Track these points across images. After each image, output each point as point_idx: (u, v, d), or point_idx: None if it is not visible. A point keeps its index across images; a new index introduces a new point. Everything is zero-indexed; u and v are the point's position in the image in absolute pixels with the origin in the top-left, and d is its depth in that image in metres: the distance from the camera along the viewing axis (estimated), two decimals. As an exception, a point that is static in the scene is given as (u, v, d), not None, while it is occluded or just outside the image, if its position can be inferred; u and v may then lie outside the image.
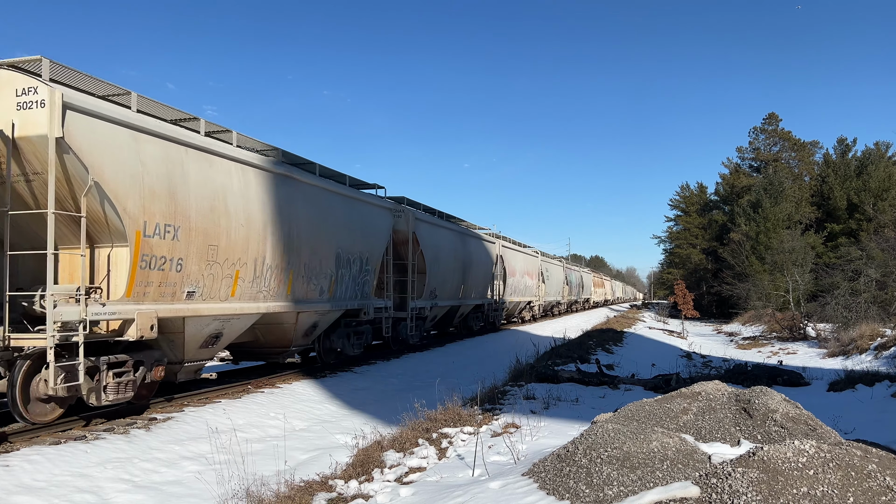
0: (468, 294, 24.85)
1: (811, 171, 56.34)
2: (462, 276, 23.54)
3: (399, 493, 5.87)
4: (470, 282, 24.65)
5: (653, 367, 16.43)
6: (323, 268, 13.67)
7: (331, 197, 14.26)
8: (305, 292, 13.08)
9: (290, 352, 13.64)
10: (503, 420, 8.59)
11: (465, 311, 25.75)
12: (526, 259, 35.88)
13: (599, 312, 58.91)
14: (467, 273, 24.14)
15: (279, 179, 12.09)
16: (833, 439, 5.47)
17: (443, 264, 21.19)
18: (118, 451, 7.94)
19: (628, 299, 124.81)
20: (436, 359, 19.06)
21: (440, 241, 21.24)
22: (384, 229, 17.17)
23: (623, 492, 4.62)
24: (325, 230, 13.72)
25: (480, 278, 26.22)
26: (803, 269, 39.67)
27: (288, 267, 12.24)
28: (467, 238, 24.73)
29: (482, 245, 26.96)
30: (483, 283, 27.00)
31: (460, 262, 23.27)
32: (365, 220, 15.90)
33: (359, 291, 15.55)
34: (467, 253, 24.17)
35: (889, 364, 16.53)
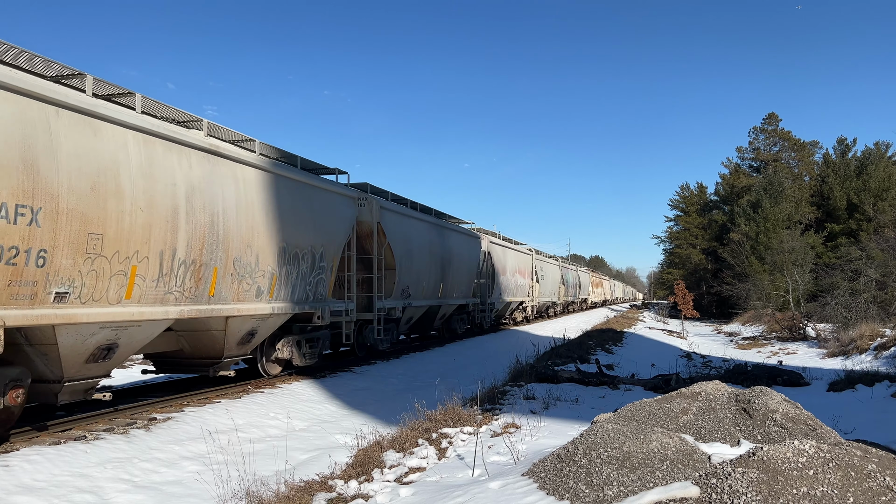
0: (449, 293, 22.71)
1: (811, 171, 56.33)
2: (441, 272, 21.36)
3: (399, 493, 5.87)
4: (451, 280, 22.49)
5: (653, 367, 16.42)
6: (261, 264, 11.56)
7: (275, 181, 12.14)
8: (236, 293, 10.93)
9: (222, 363, 11.56)
10: (503, 420, 8.59)
11: (448, 313, 23.69)
12: (517, 257, 33.68)
13: (598, 313, 58.84)
14: (447, 270, 22.00)
15: (200, 156, 9.95)
16: (833, 439, 5.47)
17: (417, 260, 19.12)
18: (118, 451, 7.94)
19: (628, 299, 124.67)
20: (436, 359, 19.06)
21: (412, 233, 19.07)
22: (344, 220, 14.89)
23: (623, 492, 4.62)
24: (263, 220, 11.62)
25: (464, 276, 24.15)
26: (803, 269, 39.67)
27: (210, 263, 10.11)
28: (447, 232, 22.49)
29: (466, 240, 24.75)
30: (467, 282, 24.87)
31: (438, 258, 21.02)
32: (319, 209, 13.70)
33: (311, 292, 13.42)
34: (447, 248, 22.00)
35: (889, 364, 16.53)
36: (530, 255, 37.29)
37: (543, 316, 44.15)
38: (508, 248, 31.95)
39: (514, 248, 33.43)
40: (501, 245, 30.39)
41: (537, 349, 17.82)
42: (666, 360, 18.34)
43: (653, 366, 16.63)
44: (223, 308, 10.65)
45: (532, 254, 37.81)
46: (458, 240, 23.72)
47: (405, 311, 18.91)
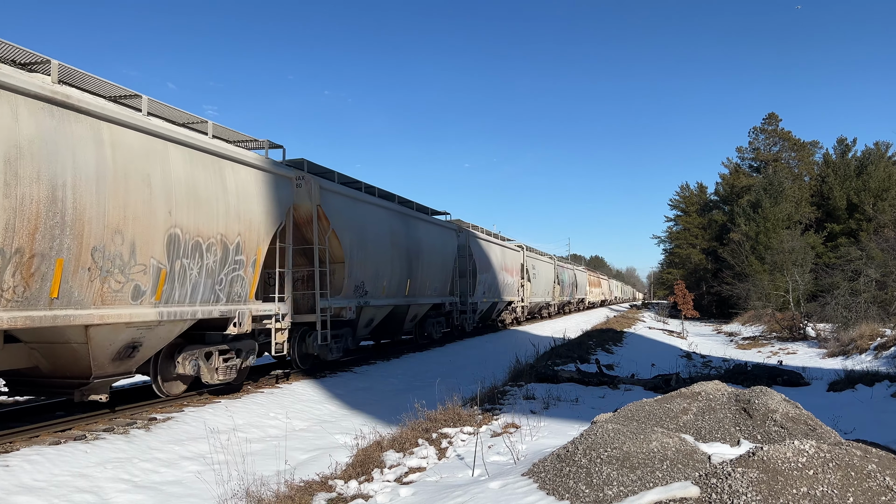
0: (420, 291, 19.77)
1: (811, 171, 56.33)
2: (407, 267, 18.49)
3: (399, 493, 5.87)
4: (421, 276, 19.65)
5: (653, 367, 16.42)
6: (139, 256, 8.90)
7: (165, 149, 9.53)
8: (99, 294, 8.33)
9: (92, 385, 8.89)
10: (503, 420, 8.59)
11: (420, 313, 20.79)
12: (504, 253, 30.86)
13: (598, 313, 58.80)
14: (416, 264, 19.11)
15: (36, 108, 7.54)
16: (833, 439, 5.47)
17: (374, 251, 16.25)
18: (118, 451, 7.94)
19: (627, 299, 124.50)
20: (436, 359, 19.06)
21: (368, 220, 16.16)
22: (273, 203, 12.22)
23: (623, 492, 4.62)
24: (143, 197, 8.94)
25: (437, 272, 21.16)
26: (803, 269, 39.67)
27: (50, 253, 7.62)
28: (415, 221, 19.57)
29: (439, 232, 21.80)
30: (442, 279, 21.94)
31: (403, 251, 18.15)
32: (235, 188, 11.01)
33: (223, 292, 10.72)
34: (415, 239, 19.12)
35: (889, 364, 16.53)
36: (520, 252, 34.70)
37: (536, 317, 41.85)
38: (493, 243, 29.20)
39: (500, 243, 30.63)
40: (484, 239, 27.81)
41: (537, 349, 17.82)
42: (666, 360, 18.34)
43: (653, 366, 16.63)
44: (76, 314, 7.99)
45: (522, 250, 35.22)
46: (429, 231, 20.72)
47: (362, 311, 16.02)
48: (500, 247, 30.26)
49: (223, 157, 10.82)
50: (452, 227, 23.86)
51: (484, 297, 27.26)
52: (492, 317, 30.72)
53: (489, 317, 30.28)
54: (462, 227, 25.59)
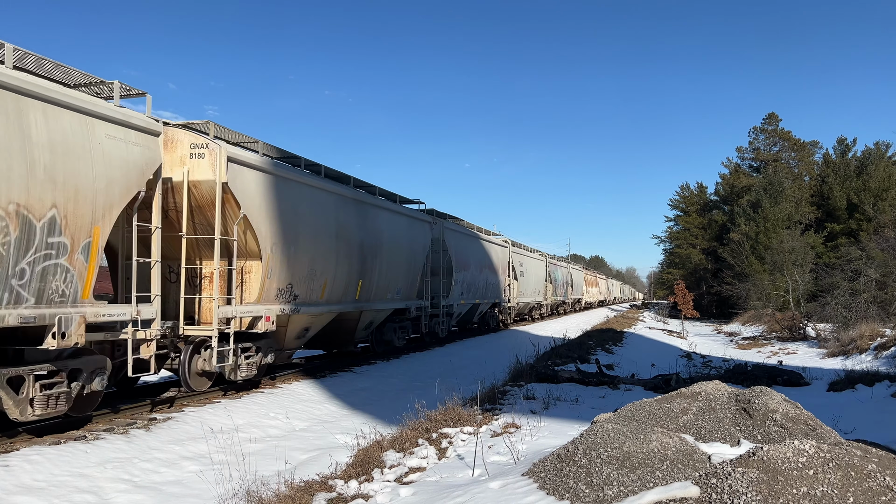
0: (377, 293, 16.62)
1: (811, 171, 56.38)
2: (360, 265, 15.26)
3: (399, 493, 5.87)
4: (379, 275, 16.47)
5: (653, 367, 16.43)
6: None
7: None
8: None
9: None
10: (503, 420, 8.60)
11: (377, 320, 17.48)
12: (487, 248, 27.83)
13: (596, 313, 58.79)
14: (373, 262, 15.94)
15: None
16: (833, 439, 5.47)
17: (307, 245, 12.97)
18: (118, 451, 7.94)
19: (627, 299, 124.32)
20: (436, 359, 19.07)
21: (302, 206, 12.91)
22: (122, 165, 8.97)
23: (623, 492, 4.62)
24: None
25: (401, 271, 18.05)
26: (803, 269, 39.71)
27: None
28: (375, 210, 16.30)
29: (407, 223, 18.59)
30: (408, 279, 18.72)
31: (355, 245, 14.95)
32: (39, 137, 7.75)
33: (27, 289, 7.62)
34: (373, 231, 15.92)
35: (889, 364, 16.54)
36: (506, 248, 31.70)
37: (526, 319, 38.89)
38: (474, 238, 26.09)
39: (482, 237, 27.38)
40: (463, 232, 24.57)
41: (537, 349, 17.83)
42: (666, 360, 18.35)
43: (653, 366, 16.64)
44: None
45: (509, 246, 32.35)
46: (394, 222, 17.53)
47: (290, 320, 13.01)
48: (482, 241, 27.16)
49: (27, 95, 7.62)
50: (424, 219, 20.18)
51: (462, 298, 24.03)
52: (473, 320, 27.97)
53: (469, 320, 27.47)
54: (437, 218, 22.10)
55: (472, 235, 26.09)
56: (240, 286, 11.64)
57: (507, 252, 31.67)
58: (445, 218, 23.48)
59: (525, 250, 37.01)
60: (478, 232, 27.57)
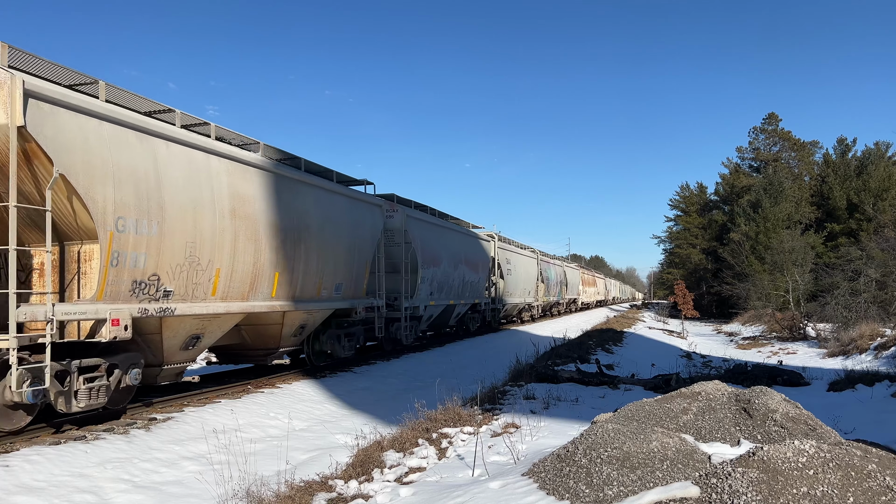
0: (305, 289, 13.24)
1: (811, 171, 56.39)
2: (276, 253, 12.08)
3: (399, 493, 5.87)
4: (307, 267, 13.19)
5: (653, 367, 16.43)
6: None
7: None
8: None
9: None
10: (503, 420, 8.59)
11: (311, 324, 14.14)
12: (465, 243, 24.59)
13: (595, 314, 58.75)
14: (295, 249, 12.72)
15: None
16: (833, 439, 5.47)
17: (181, 220, 9.73)
18: (118, 451, 7.94)
19: (627, 299, 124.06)
20: (436, 359, 19.07)
21: (167, 168, 9.51)
22: None
23: (623, 492, 4.62)
24: None
25: (340, 262, 14.57)
26: (803, 269, 39.71)
27: None
28: (294, 185, 12.88)
29: (344, 205, 14.92)
30: (349, 272, 15.14)
31: (267, 227, 11.77)
32: None
33: None
34: (294, 212, 12.71)
35: (889, 364, 16.53)
36: (490, 242, 28.59)
37: (515, 321, 36.21)
38: (446, 229, 22.76)
39: (458, 229, 24.31)
40: (431, 223, 21.24)
41: (537, 349, 17.83)
42: (666, 360, 18.35)
43: (653, 366, 16.64)
44: None
45: (493, 240, 29.11)
46: (325, 202, 14.03)
47: (164, 325, 9.90)
48: (458, 234, 23.99)
49: None
50: (375, 202, 16.82)
51: (431, 298, 20.67)
52: (449, 323, 24.83)
53: (445, 323, 24.36)
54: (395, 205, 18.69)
55: (445, 227, 22.70)
56: (75, 278, 8.72)
57: (491, 247, 28.56)
58: (410, 205, 20.16)
59: (514, 246, 34.28)
60: (453, 223, 24.30)
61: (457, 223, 25.12)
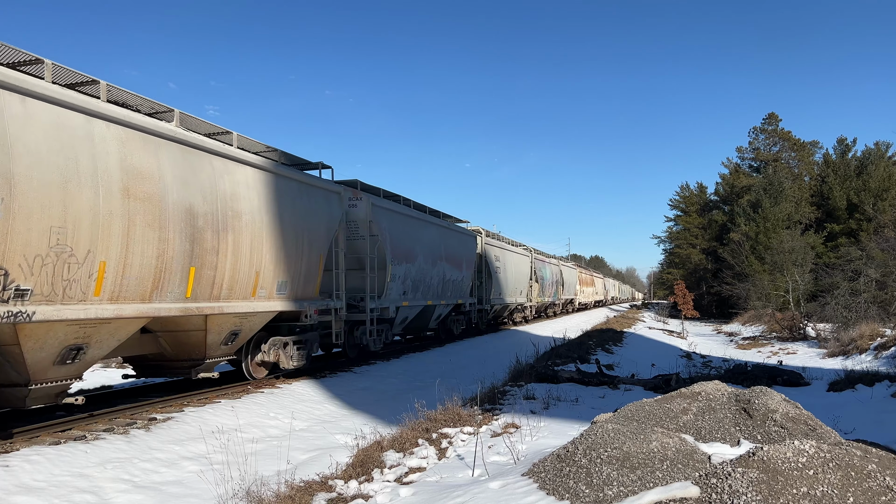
0: (234, 289, 11.03)
1: (811, 171, 56.39)
2: (190, 243, 9.86)
3: (399, 493, 5.87)
4: (236, 261, 10.97)
5: (653, 367, 16.43)
6: None
7: None
8: None
9: None
10: (503, 420, 8.60)
11: (247, 330, 11.84)
12: (446, 237, 22.35)
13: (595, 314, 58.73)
14: (217, 239, 10.46)
15: None
16: (833, 439, 5.47)
17: (33, 194, 7.50)
18: (118, 451, 7.94)
19: (626, 299, 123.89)
20: (436, 359, 19.07)
21: (26, 131, 7.50)
22: None
23: (623, 492, 4.62)
24: None
25: (283, 256, 12.31)
26: (803, 269, 39.71)
27: None
28: (213, 160, 10.55)
29: (291, 190, 12.73)
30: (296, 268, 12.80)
31: (175, 210, 9.53)
32: None
33: None
34: (213, 193, 10.37)
35: (889, 364, 16.53)
36: (475, 238, 26.40)
37: (507, 322, 34.22)
38: (423, 222, 20.41)
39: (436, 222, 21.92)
40: (403, 214, 18.90)
41: (537, 349, 17.84)
42: (666, 360, 18.35)
43: (653, 366, 16.64)
44: None
45: (479, 236, 27.11)
46: (262, 185, 11.73)
47: (21, 334, 7.69)
48: (436, 227, 21.65)
49: None
50: (332, 189, 14.64)
51: (405, 299, 18.57)
52: (428, 326, 22.79)
53: (424, 326, 22.18)
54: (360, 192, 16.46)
55: (421, 219, 20.31)
56: None
57: (477, 243, 26.46)
58: (378, 193, 17.97)
59: (505, 242, 32.22)
60: (432, 216, 21.91)
61: (437, 216, 22.60)
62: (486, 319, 28.67)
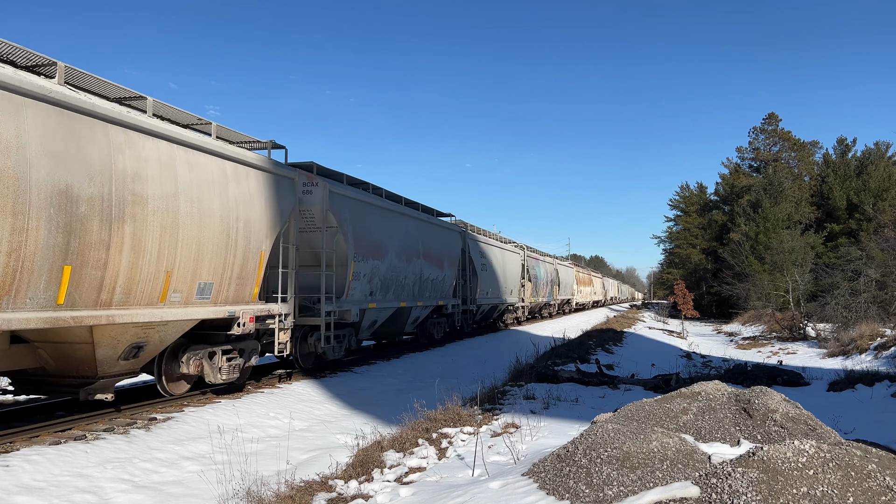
0: (133, 291, 8.70)
1: (811, 171, 56.39)
2: (64, 235, 7.57)
3: (399, 493, 5.87)
4: (136, 257, 8.65)
5: (653, 367, 16.44)
6: None
7: None
8: None
9: None
10: (503, 420, 8.60)
11: (157, 341, 9.62)
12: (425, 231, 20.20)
13: (595, 314, 58.72)
14: (106, 230, 8.13)
15: None
16: (833, 439, 5.47)
17: None
18: (118, 451, 7.94)
19: (626, 299, 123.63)
20: (436, 359, 19.07)
21: None
22: None
23: (623, 492, 4.62)
24: None
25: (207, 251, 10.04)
26: (803, 269, 39.72)
27: None
28: (134, 137, 8.64)
29: (232, 174, 10.74)
30: (229, 267, 10.72)
31: (61, 193, 7.49)
32: None
33: None
34: (124, 177, 8.38)
35: (889, 364, 16.53)
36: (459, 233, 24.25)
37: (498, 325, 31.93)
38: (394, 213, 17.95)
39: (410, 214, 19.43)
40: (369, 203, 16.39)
41: (537, 349, 17.85)
42: (666, 360, 18.35)
43: (653, 366, 16.64)
44: None
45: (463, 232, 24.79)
46: (181, 164, 9.54)
47: None
48: (413, 220, 19.47)
49: None
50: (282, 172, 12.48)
51: (371, 299, 16.32)
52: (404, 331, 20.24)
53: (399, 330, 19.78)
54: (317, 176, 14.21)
55: (394, 210, 17.98)
56: None
57: (461, 239, 24.29)
58: (341, 179, 15.71)
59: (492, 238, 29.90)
60: (407, 207, 19.52)
61: (414, 208, 20.28)
62: (472, 322, 26.79)
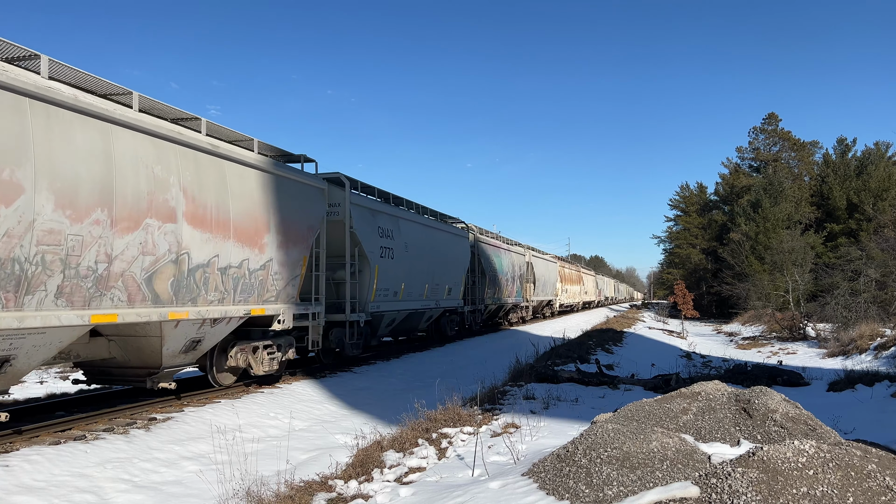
0: None
1: (811, 171, 56.38)
2: None
3: (399, 493, 5.87)
4: None
5: (653, 367, 16.43)
6: None
7: None
8: None
9: None
10: (503, 420, 8.59)
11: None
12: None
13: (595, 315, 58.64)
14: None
15: None
16: (833, 439, 5.47)
17: None
18: (118, 451, 7.94)
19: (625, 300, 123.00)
20: (436, 359, 19.07)
21: None
22: None
23: (623, 492, 4.62)
24: None
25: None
26: (803, 269, 39.71)
27: None
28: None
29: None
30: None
31: None
32: None
33: None
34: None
35: (889, 364, 16.53)
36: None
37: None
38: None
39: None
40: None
41: (537, 349, 17.84)
42: (666, 360, 18.35)
43: (653, 366, 16.63)
44: None
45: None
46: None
47: None
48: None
49: None
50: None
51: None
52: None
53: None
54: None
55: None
56: None
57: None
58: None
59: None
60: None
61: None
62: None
